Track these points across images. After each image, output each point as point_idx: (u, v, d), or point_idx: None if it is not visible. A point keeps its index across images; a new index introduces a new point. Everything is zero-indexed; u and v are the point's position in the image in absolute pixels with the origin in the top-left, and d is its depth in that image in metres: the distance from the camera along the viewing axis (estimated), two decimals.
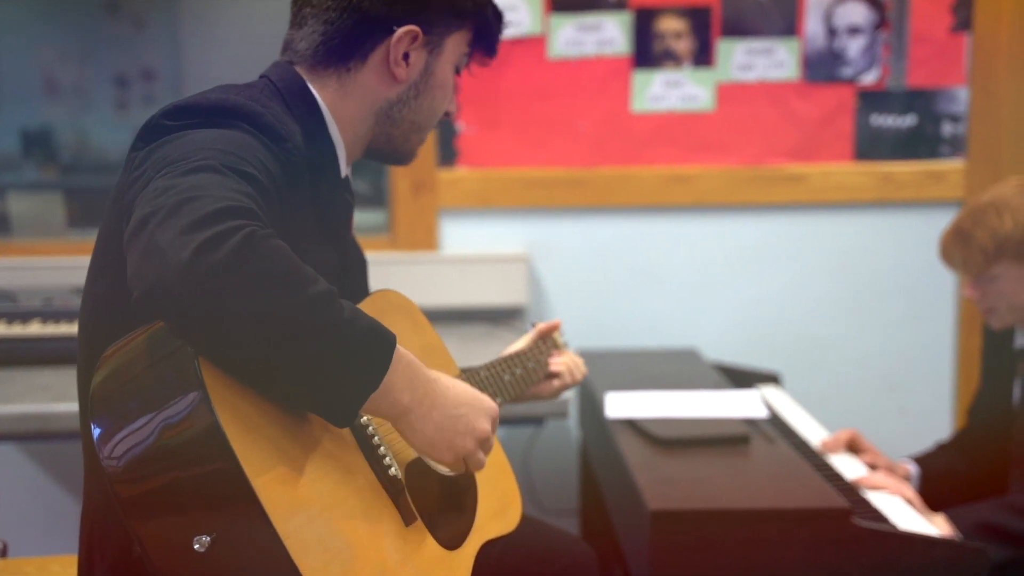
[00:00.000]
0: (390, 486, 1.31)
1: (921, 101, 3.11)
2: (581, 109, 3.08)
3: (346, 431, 1.31)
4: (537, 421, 2.41)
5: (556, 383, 1.89)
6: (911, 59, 3.09)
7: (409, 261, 3.04)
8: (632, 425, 2.25)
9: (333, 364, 1.16)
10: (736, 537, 1.81)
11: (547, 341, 1.91)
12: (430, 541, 1.36)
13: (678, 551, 1.80)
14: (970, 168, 3.11)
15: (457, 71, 1.66)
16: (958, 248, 2.24)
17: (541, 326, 1.92)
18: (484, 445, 1.39)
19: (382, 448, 1.33)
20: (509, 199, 3.09)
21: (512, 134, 3.08)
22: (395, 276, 3.01)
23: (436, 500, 1.42)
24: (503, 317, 3.07)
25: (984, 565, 1.81)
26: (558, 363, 1.89)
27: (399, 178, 3.07)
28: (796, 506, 1.82)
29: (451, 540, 1.41)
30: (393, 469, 1.33)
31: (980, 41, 3.07)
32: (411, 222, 3.08)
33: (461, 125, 3.06)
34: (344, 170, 1.60)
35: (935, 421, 3.15)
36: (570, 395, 3.09)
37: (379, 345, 1.21)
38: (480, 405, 1.38)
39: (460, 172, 3.08)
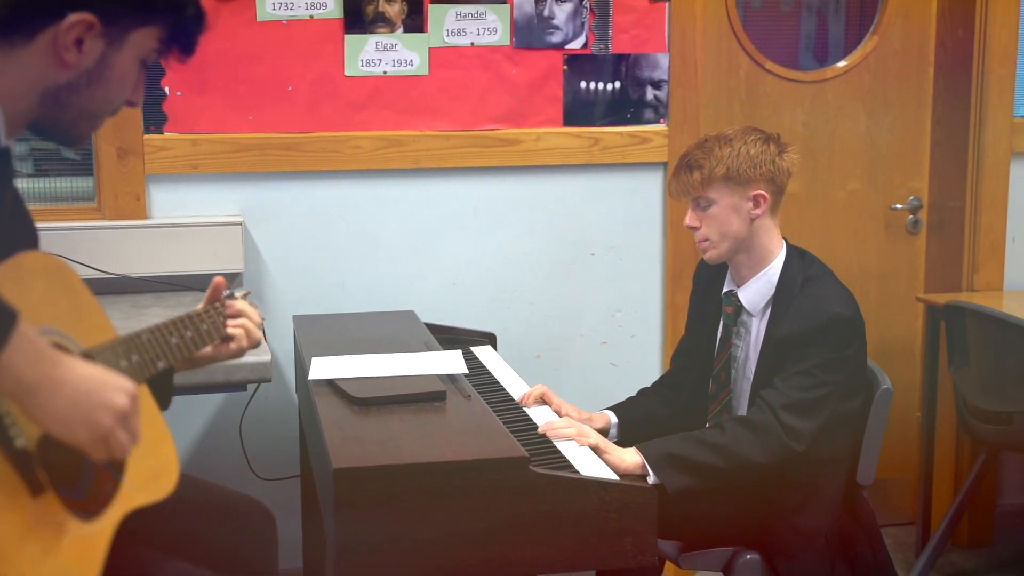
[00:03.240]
0: (15, 457, 1.27)
1: (626, 67, 3.23)
2: (293, 72, 3.05)
3: None
4: (239, 387, 2.39)
5: (233, 346, 1.87)
6: (615, 26, 3.20)
7: (117, 230, 2.94)
8: (332, 387, 2.26)
9: None
10: (419, 490, 1.84)
11: (224, 303, 1.89)
12: (61, 512, 1.32)
13: (362, 507, 1.82)
14: (672, 132, 3.25)
15: (145, 64, 1.62)
16: (684, 174, 2.36)
17: (210, 289, 1.89)
18: (125, 423, 1.36)
19: (7, 418, 1.29)
20: (221, 165, 3.03)
21: (222, 98, 3.02)
22: (103, 245, 2.91)
23: (75, 471, 1.39)
24: None
25: (652, 503, 1.91)
26: (234, 325, 1.87)
27: (103, 144, 2.96)
28: (477, 457, 1.88)
29: (88, 510, 1.38)
30: (20, 440, 1.29)
31: (677, 10, 3.22)
32: (117, 189, 2.98)
33: (167, 89, 2.98)
34: (3, 141, 1.54)
35: (644, 374, 3.29)
36: (282, 359, 3.08)
37: None
38: (113, 381, 1.35)
39: (169, 137, 3.00)
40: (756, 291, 2.39)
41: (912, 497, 3.59)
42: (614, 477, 2.01)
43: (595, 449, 2.16)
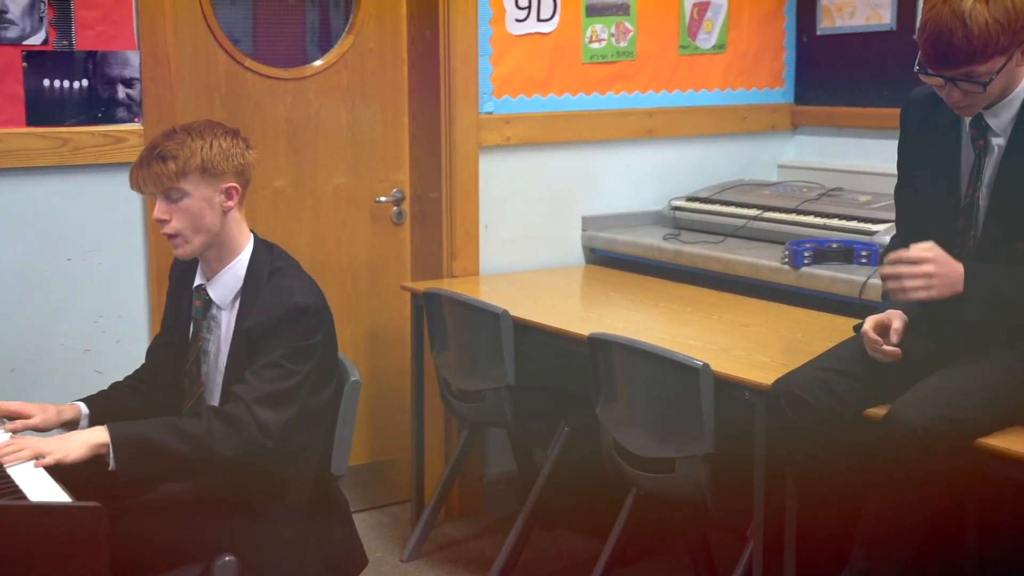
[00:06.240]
0: None
1: (94, 65, 3.11)
2: None
3: None
4: None
5: None
6: (78, 22, 3.08)
7: None
8: None
9: None
10: None
11: None
12: None
13: None
14: (148, 130, 3.18)
15: None
16: (156, 164, 2.29)
17: None
18: None
19: None
20: None
21: None
22: None
23: None
24: None
25: (101, 522, 1.85)
26: None
27: None
28: None
29: None
30: None
31: (145, 6, 3.14)
32: None
33: None
34: None
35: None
36: None
37: None
38: None
39: None
40: (224, 284, 2.41)
41: (408, 476, 3.77)
42: (62, 499, 1.95)
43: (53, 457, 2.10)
